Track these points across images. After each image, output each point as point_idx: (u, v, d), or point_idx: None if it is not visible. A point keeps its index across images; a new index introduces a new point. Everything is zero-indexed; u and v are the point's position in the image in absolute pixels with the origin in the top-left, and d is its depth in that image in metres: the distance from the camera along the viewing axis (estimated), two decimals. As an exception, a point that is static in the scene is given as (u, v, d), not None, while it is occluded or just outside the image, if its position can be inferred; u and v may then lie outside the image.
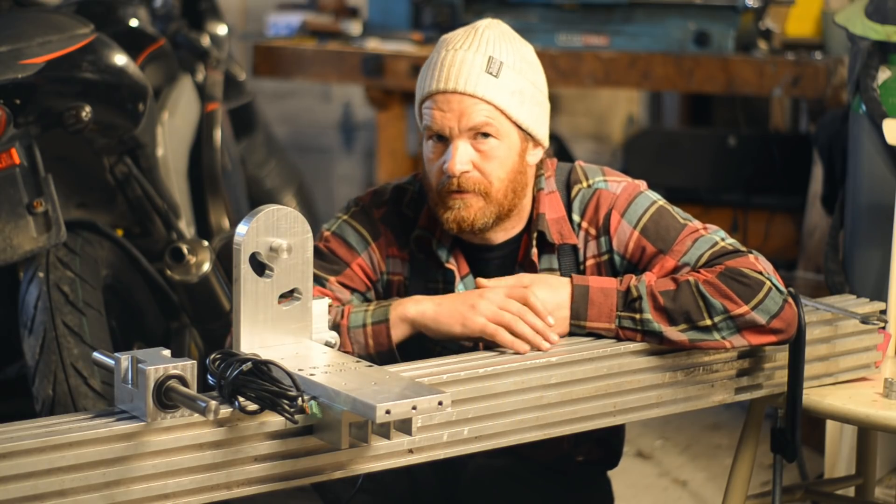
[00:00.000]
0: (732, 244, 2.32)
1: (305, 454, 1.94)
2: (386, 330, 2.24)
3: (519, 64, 2.33)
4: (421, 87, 2.34)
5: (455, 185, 2.30)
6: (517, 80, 2.32)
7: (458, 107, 2.28)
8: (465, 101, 2.28)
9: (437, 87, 2.29)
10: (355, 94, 5.91)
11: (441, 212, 2.33)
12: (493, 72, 2.29)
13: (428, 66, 2.34)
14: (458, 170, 2.28)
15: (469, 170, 2.30)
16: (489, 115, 2.29)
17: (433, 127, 2.30)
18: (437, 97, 2.30)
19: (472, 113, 2.28)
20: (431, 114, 2.30)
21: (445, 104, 2.29)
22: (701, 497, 3.63)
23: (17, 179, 2.67)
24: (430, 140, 2.33)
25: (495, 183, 2.31)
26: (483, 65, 2.29)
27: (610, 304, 2.24)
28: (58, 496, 1.76)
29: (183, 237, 3.15)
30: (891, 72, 3.19)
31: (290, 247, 1.99)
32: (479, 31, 2.34)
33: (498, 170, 2.31)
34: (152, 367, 1.80)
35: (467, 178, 2.30)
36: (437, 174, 2.32)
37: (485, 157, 2.30)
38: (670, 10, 4.37)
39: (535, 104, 2.35)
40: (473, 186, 2.30)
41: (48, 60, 2.72)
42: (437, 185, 2.32)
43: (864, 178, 3.26)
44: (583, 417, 2.21)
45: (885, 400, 2.43)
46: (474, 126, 2.29)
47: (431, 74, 2.31)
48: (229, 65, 4.16)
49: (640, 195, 2.38)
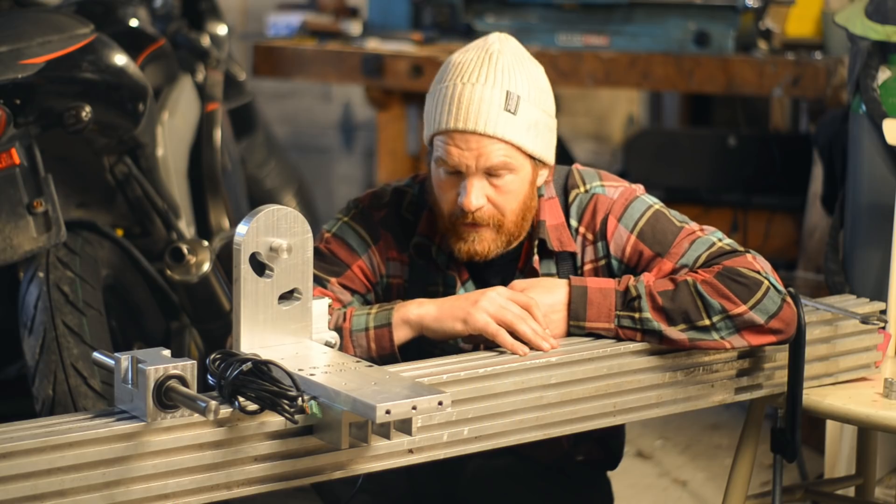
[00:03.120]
0: (730, 244, 2.32)
1: (305, 454, 1.94)
2: (388, 333, 2.24)
3: (534, 94, 2.30)
4: (435, 119, 2.29)
5: (470, 219, 2.29)
6: (532, 111, 2.29)
7: (476, 146, 2.26)
8: (483, 142, 2.26)
9: (455, 125, 2.26)
10: (355, 94, 5.91)
11: (453, 241, 2.32)
12: (511, 109, 2.26)
13: (442, 98, 2.29)
14: (474, 206, 2.27)
15: (484, 205, 2.29)
16: (506, 154, 2.27)
17: (449, 162, 2.28)
18: (455, 134, 2.26)
19: (490, 153, 2.26)
20: (447, 149, 2.27)
21: (463, 143, 2.26)
22: (701, 497, 3.63)
23: (17, 179, 2.67)
24: (441, 169, 2.31)
25: (508, 215, 2.31)
26: (501, 103, 2.26)
27: (609, 304, 2.24)
28: (58, 496, 1.76)
29: (183, 237, 3.15)
30: (891, 72, 3.19)
31: (290, 247, 1.99)
32: (492, 58, 2.29)
33: (512, 202, 2.30)
34: (152, 367, 1.80)
35: (482, 213, 2.29)
36: (449, 203, 2.31)
37: (499, 191, 2.29)
38: (670, 10, 4.37)
39: (547, 130, 2.34)
40: (488, 220, 2.30)
41: (48, 60, 2.72)
42: (450, 214, 2.31)
43: (864, 178, 3.26)
44: (583, 417, 2.21)
45: (885, 400, 2.43)
46: (492, 167, 2.27)
47: (448, 110, 2.27)
48: (229, 65, 4.16)
49: (637, 199, 2.38)
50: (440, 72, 2.33)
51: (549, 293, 2.26)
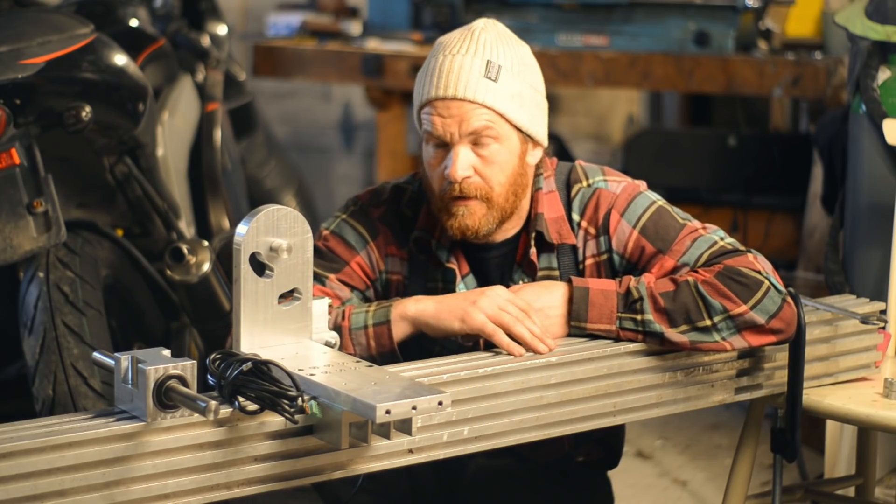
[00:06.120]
0: (731, 243, 2.32)
1: (305, 454, 1.94)
2: (388, 331, 2.24)
3: (517, 66, 2.33)
4: (420, 92, 2.33)
5: (457, 190, 2.30)
6: (516, 83, 2.32)
7: (458, 112, 2.28)
8: (465, 107, 2.28)
9: (437, 93, 2.29)
10: (355, 94, 5.91)
11: (445, 218, 2.33)
12: (491, 76, 2.29)
13: (426, 71, 2.33)
14: (459, 175, 2.29)
15: (470, 175, 2.30)
16: (489, 120, 2.29)
17: (433, 132, 2.30)
18: (437, 103, 2.30)
19: (472, 118, 2.28)
20: (431, 120, 2.30)
21: (445, 110, 2.29)
22: (701, 497, 3.63)
23: (17, 179, 2.67)
24: (429, 145, 2.33)
25: (496, 188, 2.31)
26: (482, 70, 2.29)
27: (610, 306, 2.24)
28: (58, 496, 1.76)
29: (183, 237, 3.15)
30: (891, 72, 3.19)
31: (290, 247, 1.99)
32: (475, 34, 2.33)
33: (499, 174, 2.31)
34: (152, 367, 1.80)
35: (469, 183, 2.30)
36: (438, 180, 2.33)
37: (486, 161, 2.30)
38: (670, 10, 4.37)
39: (533, 105, 2.35)
40: (475, 192, 2.30)
41: (48, 60, 2.72)
42: (440, 191, 2.33)
43: (864, 178, 3.26)
44: (583, 417, 2.21)
45: (885, 400, 2.43)
46: (475, 131, 2.29)
47: (430, 80, 2.31)
48: (229, 65, 4.16)
49: (640, 195, 2.38)
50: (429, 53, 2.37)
51: (548, 292, 2.26)
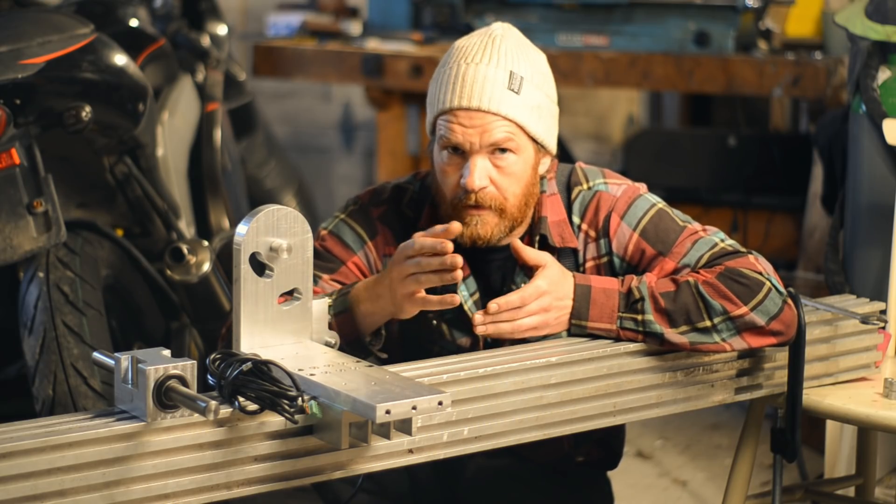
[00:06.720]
0: (732, 245, 2.32)
1: (305, 454, 1.94)
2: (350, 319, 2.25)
3: (537, 78, 2.32)
4: (439, 99, 2.31)
5: (472, 200, 2.29)
6: (536, 94, 2.31)
7: (480, 123, 2.27)
8: (488, 119, 2.27)
9: (460, 102, 2.27)
10: (355, 94, 5.91)
11: None
12: (514, 88, 2.28)
13: (445, 78, 2.31)
14: (477, 185, 2.27)
15: (487, 185, 2.29)
16: (510, 132, 2.28)
17: (452, 140, 2.28)
18: (459, 112, 2.28)
19: (494, 130, 2.27)
20: (451, 127, 2.28)
21: (467, 120, 2.27)
22: (701, 497, 3.63)
23: (17, 179, 2.67)
24: (444, 151, 2.32)
25: (511, 198, 2.31)
26: (505, 81, 2.28)
27: (612, 305, 2.24)
28: (58, 496, 1.76)
29: (183, 237, 3.15)
30: (891, 72, 3.19)
31: (290, 247, 1.99)
32: (495, 42, 2.31)
33: (514, 185, 2.31)
34: (152, 367, 1.80)
35: (485, 193, 2.29)
36: (452, 187, 2.31)
37: (502, 172, 2.30)
38: (670, 10, 4.37)
39: (549, 116, 2.35)
40: (490, 202, 2.29)
41: (48, 60, 2.72)
42: (453, 198, 2.31)
43: (864, 178, 3.26)
44: (583, 417, 2.21)
45: (885, 400, 2.43)
46: (495, 142, 2.28)
47: (451, 89, 2.29)
48: (229, 65, 4.16)
49: (640, 198, 2.38)
50: (444, 57, 2.36)
51: (564, 280, 2.26)
